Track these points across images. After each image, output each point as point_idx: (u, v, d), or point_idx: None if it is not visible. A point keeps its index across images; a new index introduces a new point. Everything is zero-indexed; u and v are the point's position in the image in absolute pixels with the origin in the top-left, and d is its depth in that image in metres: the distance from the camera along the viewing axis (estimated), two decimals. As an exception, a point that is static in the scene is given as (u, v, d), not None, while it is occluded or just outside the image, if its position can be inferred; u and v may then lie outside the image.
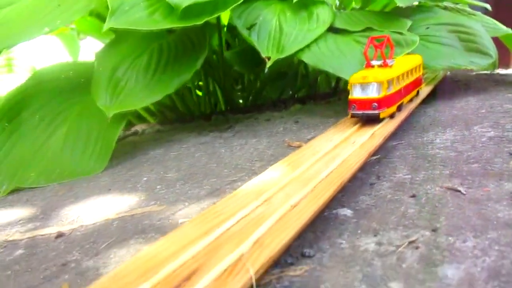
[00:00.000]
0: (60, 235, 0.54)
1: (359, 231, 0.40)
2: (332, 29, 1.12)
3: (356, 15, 1.17)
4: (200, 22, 0.88)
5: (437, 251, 0.35)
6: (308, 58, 1.00)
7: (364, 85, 0.65)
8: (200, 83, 1.48)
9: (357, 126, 0.67)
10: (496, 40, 1.08)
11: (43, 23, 0.87)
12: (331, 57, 0.99)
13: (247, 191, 0.43)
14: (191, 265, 0.30)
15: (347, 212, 0.45)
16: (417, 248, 0.36)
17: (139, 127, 1.43)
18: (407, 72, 0.78)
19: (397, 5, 1.01)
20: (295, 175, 0.46)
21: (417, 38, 0.96)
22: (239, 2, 0.96)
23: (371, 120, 0.66)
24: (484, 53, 1.01)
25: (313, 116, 1.14)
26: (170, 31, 1.06)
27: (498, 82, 1.20)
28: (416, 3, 1.15)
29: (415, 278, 0.31)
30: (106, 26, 0.81)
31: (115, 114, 0.89)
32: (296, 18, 1.13)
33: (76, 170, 0.89)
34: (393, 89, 0.68)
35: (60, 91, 1.06)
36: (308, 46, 1.01)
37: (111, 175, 0.84)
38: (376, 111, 0.64)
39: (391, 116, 0.70)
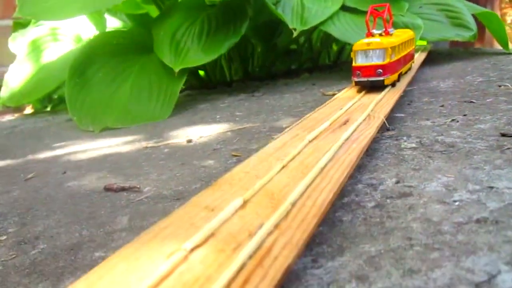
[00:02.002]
0: (189, 141, 0.73)
1: (416, 120, 0.64)
2: (343, 8, 1.35)
3: (362, -4, 1.40)
4: (249, -5, 1.08)
5: (470, 121, 0.58)
6: (331, 30, 1.22)
7: (368, 52, 0.65)
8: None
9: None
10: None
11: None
12: (350, 31, 1.22)
13: (341, 97, 0.65)
14: (343, 117, 0.52)
15: (401, 114, 0.69)
16: (457, 121, 0.59)
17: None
18: (405, 43, 0.81)
19: (400, -13, 1.26)
20: (362, 94, 0.68)
21: (421, 23, 1.20)
22: (274, -18, 1.17)
23: (375, 87, 0.67)
24: (467, 27, 1.27)
25: (326, 80, 1.36)
26: (212, 5, 1.25)
27: (475, 53, 1.48)
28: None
29: (463, 129, 0.55)
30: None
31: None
32: (314, -4, 1.34)
33: (146, 115, 1.07)
34: (395, 56, 0.70)
35: (116, 54, 1.23)
36: (331, 19, 1.23)
37: (181, 118, 1.03)
38: (381, 77, 0.65)
39: (393, 84, 0.70)
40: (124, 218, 0.40)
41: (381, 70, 0.65)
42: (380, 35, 0.73)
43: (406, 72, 0.87)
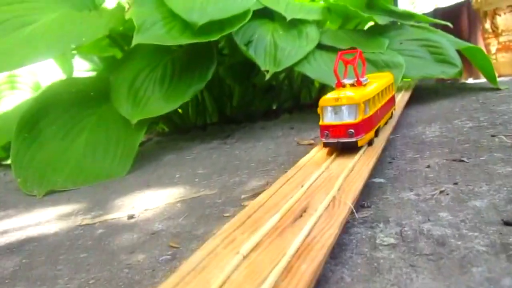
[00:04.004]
0: (131, 217, 0.61)
1: (397, 190, 0.52)
2: (319, 46, 1.26)
3: (339, 34, 1.32)
4: (214, 38, 0.99)
5: (463, 194, 0.47)
6: (306, 70, 1.13)
7: (337, 108, 0.56)
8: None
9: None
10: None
11: (69, 39, 0.94)
12: (327, 70, 1.12)
13: (308, 164, 0.54)
14: (301, 203, 0.40)
15: (381, 180, 0.57)
16: (447, 194, 0.48)
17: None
18: (383, 91, 0.70)
19: (378, 23, 1.18)
20: (333, 158, 0.57)
21: (402, 61, 1.11)
22: (243, 23, 1.09)
23: (348, 149, 0.57)
24: (451, 64, 1.18)
25: (305, 123, 1.25)
26: (180, 46, 1.16)
27: (461, 89, 1.39)
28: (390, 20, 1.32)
29: (454, 209, 0.43)
30: (134, 41, 0.90)
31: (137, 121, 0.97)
32: (288, 35, 1.26)
33: (100, 173, 0.95)
34: (371, 110, 0.60)
35: (73, 104, 1.12)
36: (306, 59, 1.14)
37: (138, 176, 0.92)
38: (354, 139, 0.55)
39: (369, 143, 0.60)
40: None
41: (353, 130, 0.55)
42: (352, 85, 0.63)
43: (386, 123, 0.75)
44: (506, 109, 0.95)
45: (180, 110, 1.52)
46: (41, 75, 1.36)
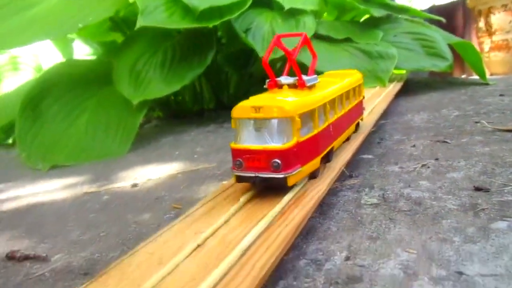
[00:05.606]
0: (135, 185, 0.65)
1: (383, 164, 0.57)
2: (316, 35, 1.30)
3: (336, 25, 1.36)
4: (214, 23, 1.03)
5: (442, 168, 0.52)
6: (302, 58, 1.16)
7: (258, 123, 0.37)
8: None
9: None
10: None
11: (76, 20, 0.97)
12: (322, 60, 1.16)
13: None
14: (294, 168, 0.44)
15: (369, 156, 0.62)
16: (428, 167, 0.52)
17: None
18: (341, 96, 0.50)
19: (373, 15, 1.22)
20: None
21: (395, 53, 1.15)
22: (242, 10, 1.12)
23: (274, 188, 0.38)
24: (443, 57, 1.23)
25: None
26: (179, 32, 1.19)
27: (451, 83, 1.44)
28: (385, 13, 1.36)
29: (433, 179, 0.48)
30: (138, 24, 0.93)
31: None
32: (286, 24, 1.30)
33: (101, 152, 0.99)
34: (314, 128, 0.41)
35: (75, 85, 1.15)
36: (303, 48, 1.17)
37: (138, 155, 0.95)
38: (280, 174, 0.36)
39: (313, 175, 0.41)
40: (5, 308, 0.32)
41: (278, 161, 0.36)
42: (294, 86, 0.43)
43: (348, 138, 0.56)
44: (491, 101, 1.00)
45: (179, 97, 1.56)
46: (43, 57, 1.39)
